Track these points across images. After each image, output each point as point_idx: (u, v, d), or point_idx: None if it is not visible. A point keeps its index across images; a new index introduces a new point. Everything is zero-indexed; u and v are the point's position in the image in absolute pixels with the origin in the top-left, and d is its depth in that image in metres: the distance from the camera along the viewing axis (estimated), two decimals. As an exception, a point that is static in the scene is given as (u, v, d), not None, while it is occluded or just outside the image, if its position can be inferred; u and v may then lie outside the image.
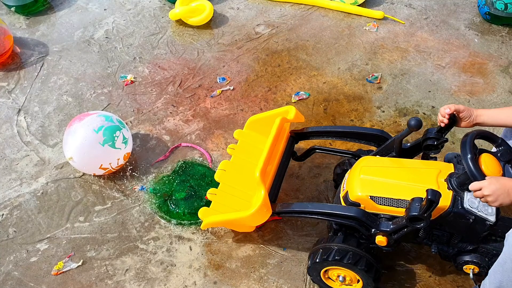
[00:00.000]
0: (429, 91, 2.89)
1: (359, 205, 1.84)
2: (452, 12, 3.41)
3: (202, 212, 2.13)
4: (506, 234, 1.67)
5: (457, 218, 1.75)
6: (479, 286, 1.87)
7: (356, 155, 2.16)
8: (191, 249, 2.24)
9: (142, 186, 2.47)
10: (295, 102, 2.84)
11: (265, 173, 1.98)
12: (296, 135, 2.26)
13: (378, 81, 2.95)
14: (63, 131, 2.64)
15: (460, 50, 3.13)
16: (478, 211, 1.73)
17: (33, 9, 3.50)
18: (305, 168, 2.52)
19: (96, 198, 2.45)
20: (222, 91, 2.94)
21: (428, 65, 3.04)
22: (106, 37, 3.32)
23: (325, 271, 1.99)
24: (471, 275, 1.91)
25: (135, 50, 3.22)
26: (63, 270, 2.19)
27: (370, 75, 2.98)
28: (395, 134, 2.08)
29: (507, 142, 1.80)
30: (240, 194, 2.18)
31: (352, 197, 1.85)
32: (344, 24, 3.35)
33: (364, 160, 1.97)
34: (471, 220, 1.74)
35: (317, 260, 1.91)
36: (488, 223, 1.74)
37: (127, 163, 2.55)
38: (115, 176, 2.52)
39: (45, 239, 2.30)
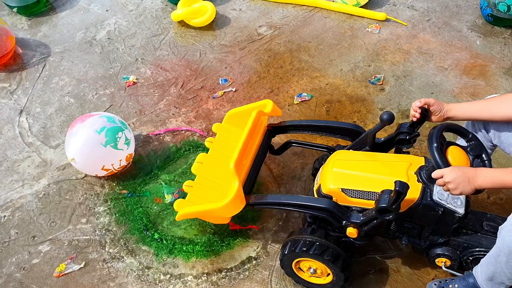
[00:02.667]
0: (432, 93, 2.88)
1: (331, 197, 1.86)
2: (454, 14, 3.41)
3: (177, 204, 2.13)
4: (500, 227, 1.68)
5: (426, 210, 1.77)
6: (470, 273, 1.88)
7: (331, 149, 2.17)
8: (193, 251, 2.24)
9: (128, 193, 2.46)
10: (297, 103, 2.84)
11: (240, 165, 1.99)
12: (273, 129, 2.26)
13: (381, 83, 2.94)
14: (65, 132, 2.64)
15: (463, 52, 3.12)
16: (447, 203, 1.74)
17: (35, 10, 3.50)
18: (307, 169, 2.51)
19: (98, 200, 2.44)
20: (224, 92, 2.93)
21: (431, 67, 3.04)
22: (108, 38, 3.32)
23: (297, 262, 2.01)
24: (443, 268, 1.93)
25: (137, 51, 3.22)
26: (65, 272, 2.19)
27: (373, 77, 2.98)
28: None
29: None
30: (216, 187, 2.18)
31: (324, 190, 1.87)
32: (347, 25, 3.35)
33: (337, 154, 1.99)
34: (440, 212, 1.75)
35: (286, 252, 1.94)
36: (457, 215, 1.76)
37: (129, 164, 2.55)
38: (117, 177, 2.52)
39: (47, 241, 2.30)
